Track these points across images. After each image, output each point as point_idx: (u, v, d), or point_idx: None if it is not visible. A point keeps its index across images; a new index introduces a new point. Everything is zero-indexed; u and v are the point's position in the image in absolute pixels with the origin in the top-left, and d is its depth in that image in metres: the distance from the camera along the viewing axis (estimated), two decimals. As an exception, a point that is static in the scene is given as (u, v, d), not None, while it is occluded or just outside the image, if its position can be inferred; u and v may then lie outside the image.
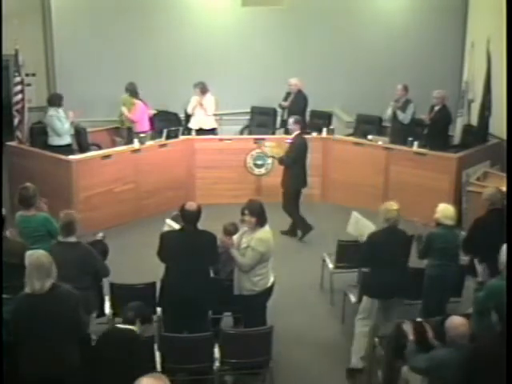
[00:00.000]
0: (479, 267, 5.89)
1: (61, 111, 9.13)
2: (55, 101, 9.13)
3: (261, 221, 5.48)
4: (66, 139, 9.22)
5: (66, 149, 9.10)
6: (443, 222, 5.85)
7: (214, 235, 5.54)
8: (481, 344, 4.34)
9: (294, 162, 8.39)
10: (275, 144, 8.83)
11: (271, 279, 5.62)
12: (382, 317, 5.75)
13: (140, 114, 10.14)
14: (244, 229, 5.58)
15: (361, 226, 6.61)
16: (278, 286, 5.78)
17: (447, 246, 5.80)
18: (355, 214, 6.87)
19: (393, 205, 5.76)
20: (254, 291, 5.48)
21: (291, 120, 8.56)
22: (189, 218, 5.46)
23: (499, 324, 4.19)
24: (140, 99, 10.19)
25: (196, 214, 5.46)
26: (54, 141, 9.11)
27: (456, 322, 4.47)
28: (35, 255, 4.48)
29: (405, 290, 5.80)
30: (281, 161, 8.50)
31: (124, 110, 10.03)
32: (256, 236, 5.41)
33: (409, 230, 6.02)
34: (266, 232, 5.48)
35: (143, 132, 9.81)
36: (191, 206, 5.48)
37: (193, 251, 5.36)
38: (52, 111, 9.07)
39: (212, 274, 5.96)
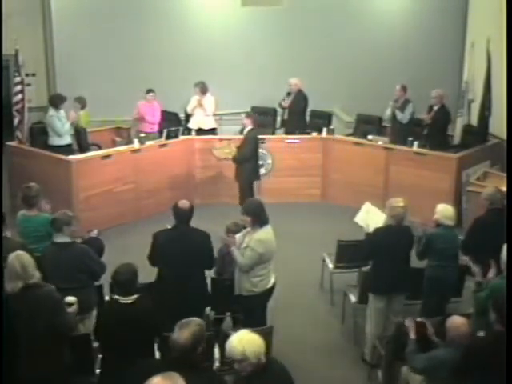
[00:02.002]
0: (475, 267, 5.89)
1: (61, 111, 9.13)
2: (56, 101, 9.12)
3: (257, 220, 5.41)
4: (66, 139, 9.22)
5: (66, 149, 9.10)
6: (443, 222, 5.83)
7: (207, 234, 5.57)
8: (475, 342, 4.34)
9: (251, 157, 8.45)
10: (225, 145, 8.80)
11: (272, 280, 5.59)
12: (384, 315, 5.76)
13: (160, 116, 10.19)
14: (248, 229, 5.56)
15: (371, 216, 6.56)
16: (278, 285, 5.77)
17: (447, 247, 5.78)
18: (368, 205, 6.81)
19: (399, 201, 5.72)
20: (253, 292, 5.46)
21: (243, 115, 8.61)
22: (182, 216, 5.49)
23: (496, 323, 4.19)
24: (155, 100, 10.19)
25: (189, 213, 5.50)
26: (55, 141, 9.10)
27: (457, 322, 4.47)
28: (11, 256, 4.54)
29: (406, 287, 5.80)
30: (234, 159, 8.56)
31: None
32: (255, 237, 5.38)
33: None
34: (266, 233, 5.43)
35: (155, 132, 9.89)
36: (184, 204, 5.51)
37: (188, 250, 5.37)
38: (52, 111, 9.07)
39: (214, 275, 5.98)
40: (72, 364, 4.61)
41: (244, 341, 3.59)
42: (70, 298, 4.78)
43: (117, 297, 4.64)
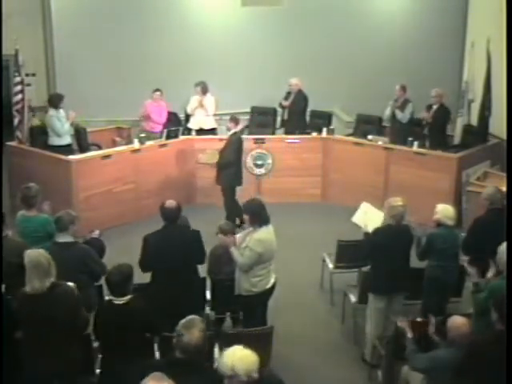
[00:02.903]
0: (471, 268, 5.88)
1: (61, 111, 9.12)
2: (55, 101, 9.11)
3: (256, 219, 5.40)
4: (66, 139, 9.22)
5: (66, 149, 9.10)
6: (444, 222, 5.82)
7: (197, 231, 5.61)
8: (476, 342, 4.35)
9: (233, 162, 8.46)
10: (212, 153, 8.71)
11: (271, 281, 5.58)
12: (384, 315, 5.76)
13: (166, 116, 10.18)
14: (250, 228, 5.53)
15: (369, 216, 6.55)
16: (278, 285, 5.76)
17: (447, 247, 5.78)
18: (365, 205, 6.80)
19: (397, 200, 5.70)
20: (252, 292, 5.45)
21: (228, 118, 8.63)
22: (170, 216, 5.54)
23: (498, 323, 4.19)
24: (162, 99, 10.17)
25: (176, 212, 5.55)
26: (54, 141, 9.11)
27: (458, 322, 4.47)
28: (34, 254, 4.49)
29: (406, 287, 5.80)
30: (216, 164, 8.53)
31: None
32: (255, 236, 5.37)
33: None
34: (266, 233, 5.42)
35: (156, 132, 9.89)
36: (171, 203, 5.56)
37: (181, 247, 5.40)
38: (52, 111, 9.07)
39: (206, 274, 5.97)
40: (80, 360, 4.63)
41: (235, 357, 3.47)
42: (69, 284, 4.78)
43: (111, 297, 4.64)
